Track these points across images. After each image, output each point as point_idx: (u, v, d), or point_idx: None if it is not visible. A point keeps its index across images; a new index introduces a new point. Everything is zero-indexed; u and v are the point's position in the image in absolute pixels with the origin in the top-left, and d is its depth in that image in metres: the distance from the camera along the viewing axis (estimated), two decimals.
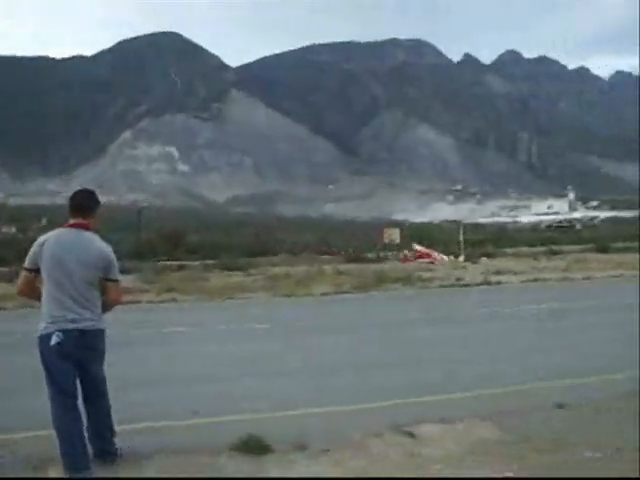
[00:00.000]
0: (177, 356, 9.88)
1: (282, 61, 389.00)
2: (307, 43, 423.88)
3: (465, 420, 5.98)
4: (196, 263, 34.30)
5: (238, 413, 6.37)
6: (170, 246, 44.59)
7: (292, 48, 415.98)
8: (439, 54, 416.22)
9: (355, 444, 5.38)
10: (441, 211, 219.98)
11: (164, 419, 6.20)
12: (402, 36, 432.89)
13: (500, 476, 4.57)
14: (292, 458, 5.02)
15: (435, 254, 35.60)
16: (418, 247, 39.04)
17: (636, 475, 4.36)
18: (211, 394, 7.34)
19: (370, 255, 40.60)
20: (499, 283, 22.74)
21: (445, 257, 34.22)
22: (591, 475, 4.52)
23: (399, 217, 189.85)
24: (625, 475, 4.44)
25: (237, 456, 5.04)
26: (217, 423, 6.18)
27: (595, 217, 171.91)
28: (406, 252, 38.78)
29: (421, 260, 29.85)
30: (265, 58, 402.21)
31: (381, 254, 41.22)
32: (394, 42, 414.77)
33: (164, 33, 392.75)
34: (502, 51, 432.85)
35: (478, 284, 22.35)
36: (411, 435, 5.57)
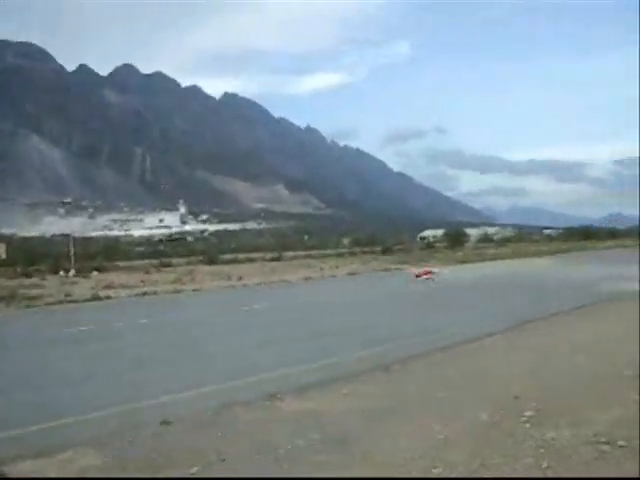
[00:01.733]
0: None
1: None
2: None
3: (70, 449, 5.66)
4: None
5: None
6: None
7: None
8: (53, 61, 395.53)
9: None
10: (53, 225, 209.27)
11: None
12: (13, 38, 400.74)
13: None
14: None
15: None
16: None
17: (636, 475, 4.47)
18: None
19: None
20: (109, 298, 22.44)
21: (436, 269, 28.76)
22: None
23: (7, 231, 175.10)
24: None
25: None
26: None
27: (205, 230, 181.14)
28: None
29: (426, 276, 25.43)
30: None
31: None
32: (4, 43, 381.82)
33: None
34: (119, 64, 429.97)
35: (87, 300, 21.76)
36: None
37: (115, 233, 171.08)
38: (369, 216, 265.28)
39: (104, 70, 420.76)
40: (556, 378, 7.67)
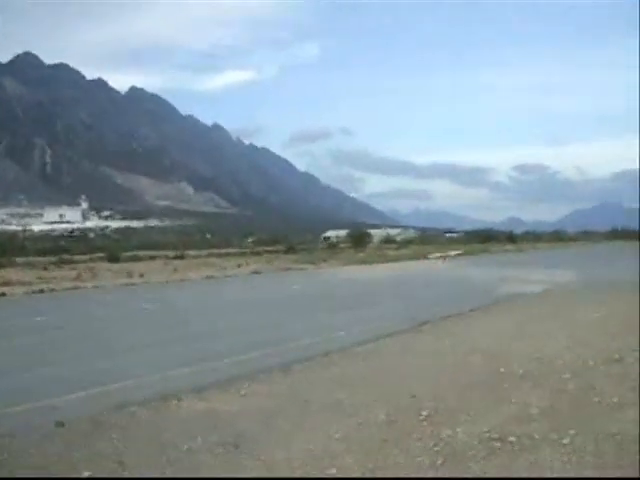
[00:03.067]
0: None
1: None
2: None
3: None
4: None
5: None
6: None
7: None
8: None
9: None
10: None
11: None
12: None
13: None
14: None
15: None
16: None
17: (636, 475, 4.43)
18: None
19: None
20: (3, 295, 21.55)
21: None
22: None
23: None
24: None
25: None
26: None
27: (107, 227, 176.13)
28: None
29: None
30: None
31: None
32: None
33: None
34: (19, 52, 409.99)
35: None
36: None
37: (13, 227, 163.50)
38: (274, 215, 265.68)
39: (3, 57, 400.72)
40: (452, 377, 7.92)
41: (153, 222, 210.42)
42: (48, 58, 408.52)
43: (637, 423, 5.80)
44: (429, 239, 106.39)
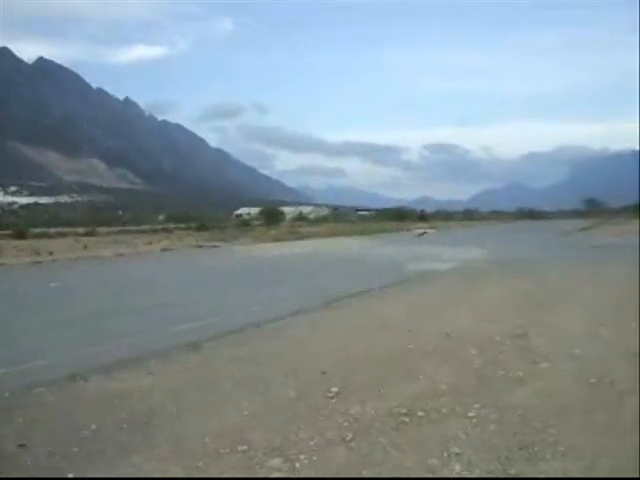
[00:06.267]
0: None
1: None
2: None
3: None
4: None
5: None
6: None
7: None
8: None
9: None
10: None
11: None
12: None
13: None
14: None
15: None
16: None
17: (636, 475, 4.31)
18: None
19: None
20: None
21: None
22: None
23: None
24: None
25: None
26: None
27: (14, 203, 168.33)
28: None
29: None
30: None
31: None
32: None
33: None
34: None
35: None
36: None
37: None
38: (186, 192, 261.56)
39: None
40: (363, 354, 7.99)
41: (63, 198, 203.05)
42: None
43: (538, 395, 6.10)
44: (341, 217, 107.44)
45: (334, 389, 6.40)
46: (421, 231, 54.18)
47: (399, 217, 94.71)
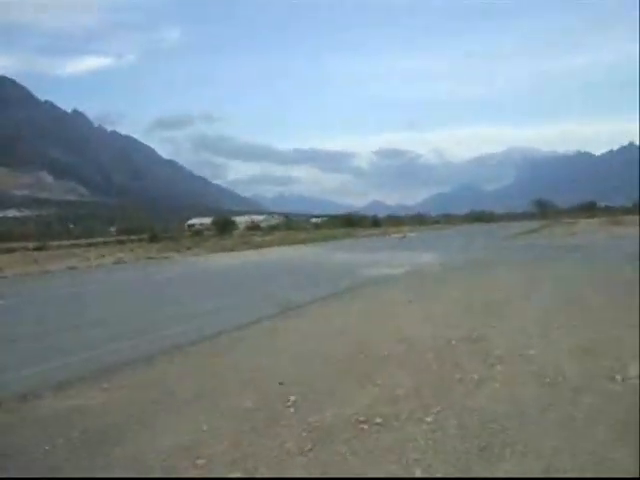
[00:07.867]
0: None
1: None
2: None
3: None
4: None
5: None
6: None
7: None
8: None
9: None
10: None
11: None
12: None
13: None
14: None
15: None
16: None
17: (636, 475, 4.22)
18: None
19: None
20: None
21: None
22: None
23: None
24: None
25: None
26: None
27: None
28: None
29: None
30: None
31: None
32: None
33: None
34: None
35: None
36: None
37: None
38: (137, 204, 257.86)
39: None
40: (321, 362, 7.92)
41: (11, 212, 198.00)
42: None
43: (495, 397, 6.11)
44: (293, 225, 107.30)
45: (292, 398, 6.32)
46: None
47: (351, 223, 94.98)
